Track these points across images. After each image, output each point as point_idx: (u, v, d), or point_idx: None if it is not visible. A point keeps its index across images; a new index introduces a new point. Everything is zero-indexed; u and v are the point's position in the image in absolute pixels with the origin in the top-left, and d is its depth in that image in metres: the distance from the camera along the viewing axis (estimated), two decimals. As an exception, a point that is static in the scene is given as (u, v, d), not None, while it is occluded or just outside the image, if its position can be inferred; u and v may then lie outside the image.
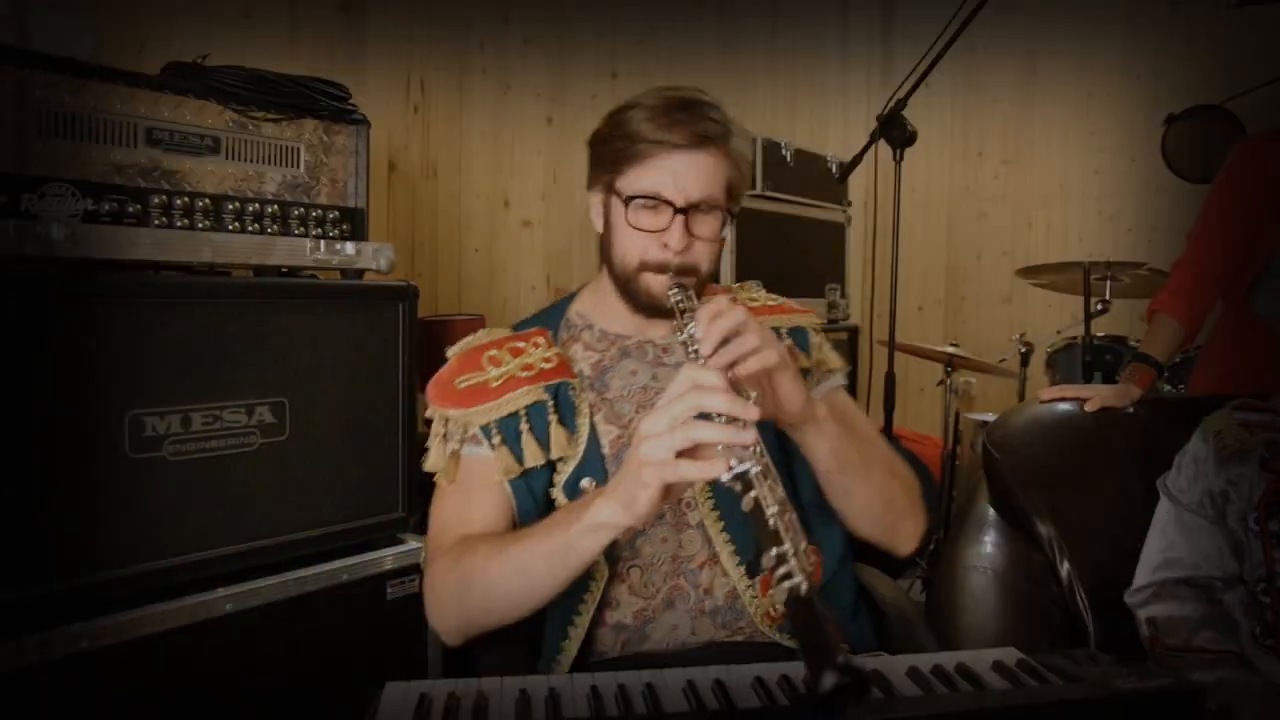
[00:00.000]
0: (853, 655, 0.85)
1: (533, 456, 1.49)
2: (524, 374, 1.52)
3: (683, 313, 1.37)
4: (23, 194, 1.65)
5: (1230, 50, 4.35)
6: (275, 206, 2.02)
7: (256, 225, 1.99)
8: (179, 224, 1.87)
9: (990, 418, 3.34)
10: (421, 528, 2.24)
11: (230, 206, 1.95)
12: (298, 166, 2.08)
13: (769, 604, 1.49)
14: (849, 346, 4.16)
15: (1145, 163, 4.56)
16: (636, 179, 1.46)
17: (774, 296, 1.76)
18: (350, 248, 2.12)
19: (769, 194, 3.66)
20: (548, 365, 1.53)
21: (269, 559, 1.94)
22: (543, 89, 3.54)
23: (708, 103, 1.47)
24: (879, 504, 1.49)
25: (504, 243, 3.45)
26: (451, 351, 1.59)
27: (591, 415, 1.53)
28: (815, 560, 1.54)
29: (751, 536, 1.36)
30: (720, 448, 1.14)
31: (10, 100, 1.65)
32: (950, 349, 3.95)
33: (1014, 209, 5.15)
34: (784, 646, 1.49)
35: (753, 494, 1.08)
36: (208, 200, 1.91)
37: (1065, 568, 1.90)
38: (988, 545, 1.95)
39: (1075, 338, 3.67)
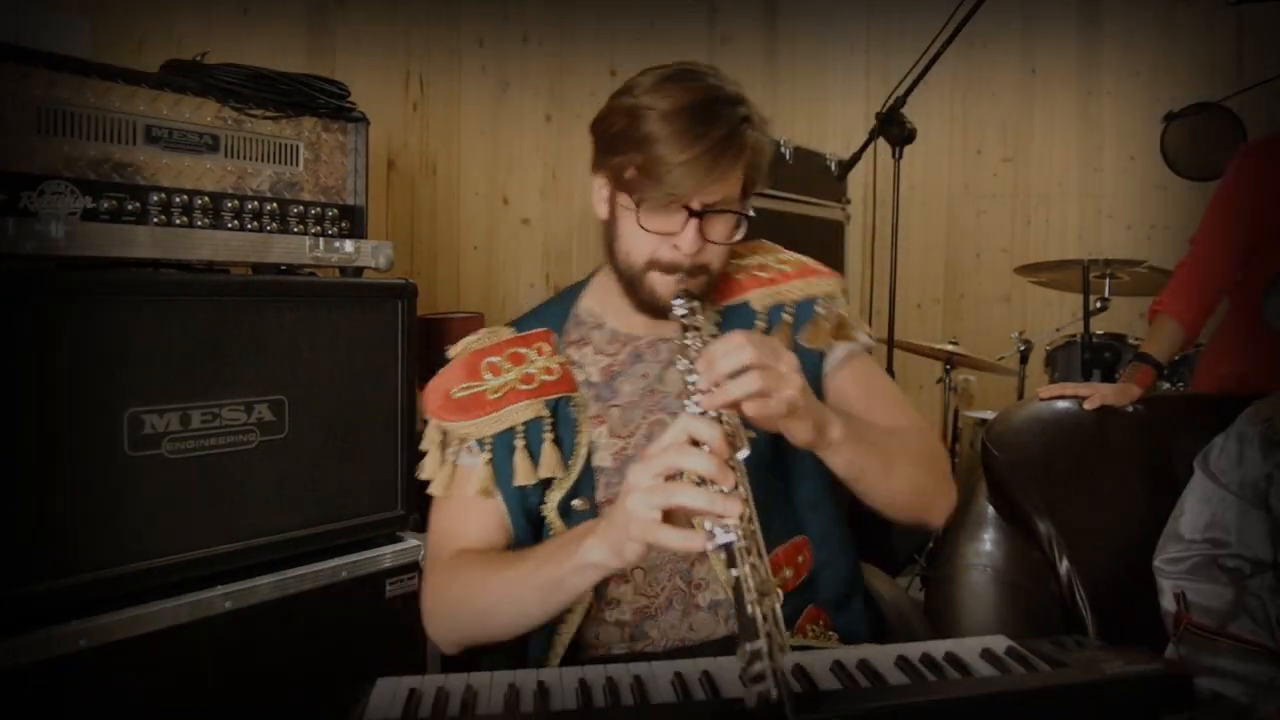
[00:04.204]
0: None
1: (524, 475, 1.44)
2: (524, 386, 1.47)
3: (686, 329, 1.31)
4: (22, 191, 1.65)
5: (1229, 48, 4.36)
6: (274, 204, 2.02)
7: (255, 223, 1.98)
8: (178, 222, 1.86)
9: (989, 415, 3.34)
10: (421, 525, 2.24)
11: (229, 204, 1.95)
12: (296, 164, 2.08)
13: None
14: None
15: (1144, 161, 4.57)
16: (648, 180, 1.36)
17: (789, 259, 1.64)
18: (349, 245, 2.12)
19: (767, 192, 3.66)
20: (549, 377, 1.48)
21: (268, 557, 1.94)
22: (541, 86, 3.54)
23: (727, 98, 1.38)
24: (905, 496, 1.44)
25: (503, 240, 3.45)
26: (452, 352, 1.54)
27: (591, 431, 1.48)
28: (805, 556, 1.53)
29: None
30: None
31: (9, 97, 1.64)
32: (949, 347, 3.95)
33: (1013, 207, 5.15)
34: None
35: (734, 572, 1.01)
36: (206, 198, 1.91)
37: (1064, 565, 1.90)
38: (987, 543, 1.95)
39: (1074, 335, 3.68)
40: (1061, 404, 2.12)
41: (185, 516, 1.81)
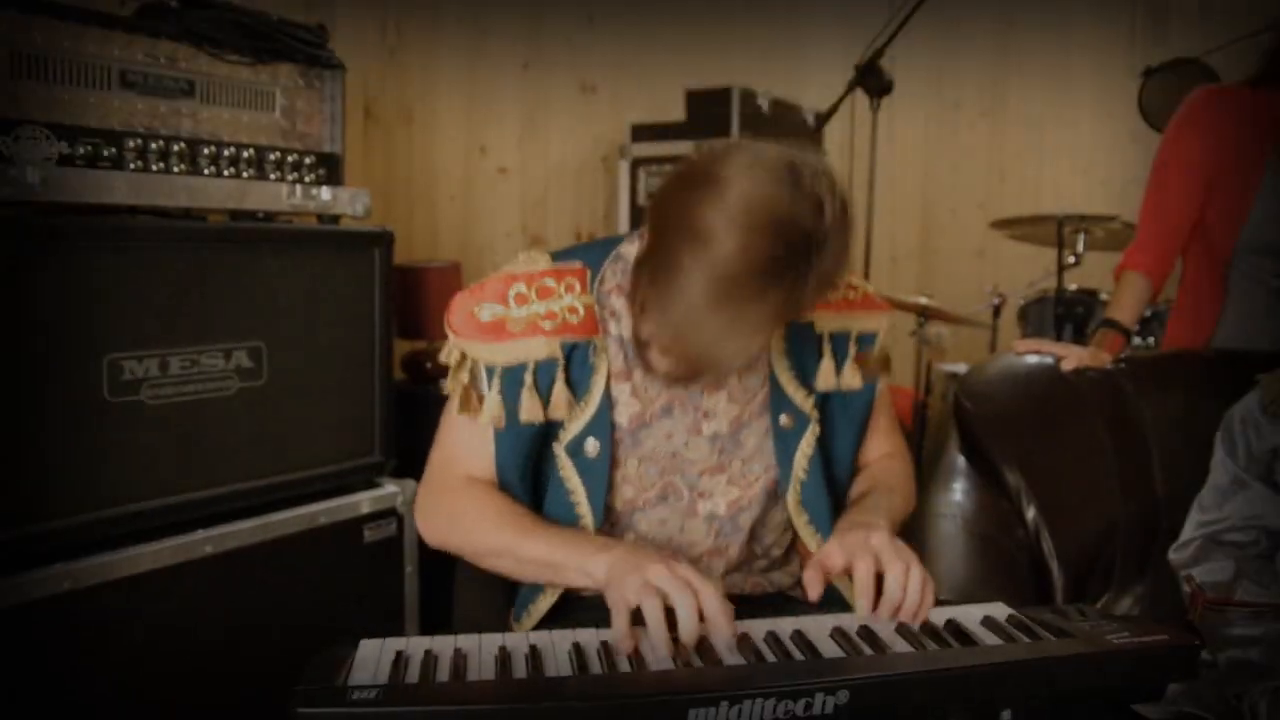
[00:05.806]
0: None
1: (530, 413, 1.40)
2: (545, 323, 1.41)
3: None
4: (-4, 136, 1.64)
5: (1208, 3, 4.36)
6: (251, 151, 2.01)
7: (232, 169, 1.97)
8: (155, 168, 1.85)
9: (962, 369, 3.38)
10: (398, 471, 2.26)
11: (206, 151, 1.93)
12: (273, 111, 2.07)
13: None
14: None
15: (1122, 116, 4.56)
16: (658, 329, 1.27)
17: (858, 284, 1.56)
18: (326, 193, 2.11)
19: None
20: (573, 318, 1.42)
21: (248, 502, 1.96)
22: (519, 33, 3.51)
23: (794, 256, 1.17)
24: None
25: (480, 189, 3.44)
26: (502, 271, 1.46)
27: (610, 382, 1.43)
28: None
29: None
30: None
31: (-17, 41, 1.63)
32: (923, 300, 3.97)
33: (989, 162, 5.15)
34: (787, 596, 1.56)
35: None
36: (183, 144, 1.90)
37: (1031, 514, 1.94)
38: (957, 493, 1.98)
39: (1047, 291, 3.71)
40: (1034, 358, 2.14)
41: (166, 462, 1.83)
